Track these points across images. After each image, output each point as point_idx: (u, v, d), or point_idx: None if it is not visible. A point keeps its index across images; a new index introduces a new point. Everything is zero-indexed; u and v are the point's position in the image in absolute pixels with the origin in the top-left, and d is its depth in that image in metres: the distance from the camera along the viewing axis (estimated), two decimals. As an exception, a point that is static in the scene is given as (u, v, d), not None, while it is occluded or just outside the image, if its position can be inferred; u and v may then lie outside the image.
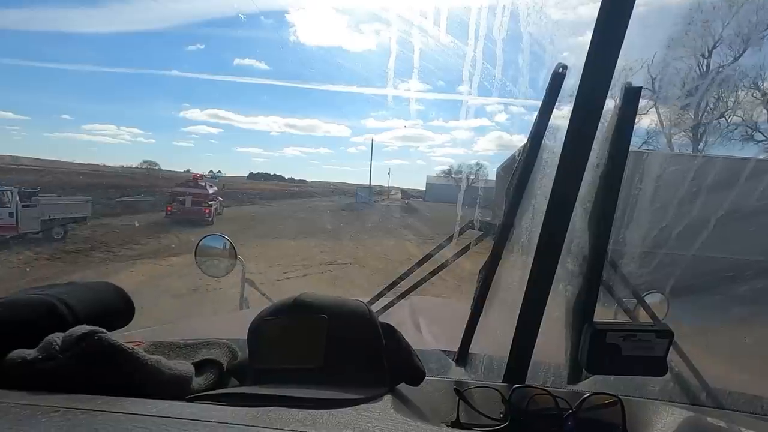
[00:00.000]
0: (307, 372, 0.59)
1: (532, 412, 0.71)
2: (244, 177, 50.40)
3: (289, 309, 0.64)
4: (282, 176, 54.48)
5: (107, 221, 15.05)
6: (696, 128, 11.25)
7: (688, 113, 1.01)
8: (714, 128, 12.47)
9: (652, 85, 0.84)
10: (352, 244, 12.90)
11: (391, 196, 39.99)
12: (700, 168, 0.94)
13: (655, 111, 1.00)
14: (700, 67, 12.23)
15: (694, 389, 0.89)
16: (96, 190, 19.06)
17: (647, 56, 0.78)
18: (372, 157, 57.69)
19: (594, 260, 0.78)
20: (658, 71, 0.83)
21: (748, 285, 4.51)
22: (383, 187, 45.16)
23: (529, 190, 0.87)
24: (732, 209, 1.06)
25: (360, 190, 36.39)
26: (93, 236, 12.66)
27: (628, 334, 0.75)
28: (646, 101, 0.75)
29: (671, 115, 1.06)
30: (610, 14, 0.67)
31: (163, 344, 0.72)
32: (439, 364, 0.96)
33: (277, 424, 0.42)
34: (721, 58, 14.09)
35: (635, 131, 0.74)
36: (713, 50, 13.69)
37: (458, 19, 1.07)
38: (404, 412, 0.54)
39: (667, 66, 0.84)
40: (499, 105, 15.10)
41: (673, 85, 0.86)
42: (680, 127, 7.31)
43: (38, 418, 0.38)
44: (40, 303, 0.58)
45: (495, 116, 23.57)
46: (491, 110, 21.99)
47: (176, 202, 16.67)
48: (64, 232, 12.27)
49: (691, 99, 0.83)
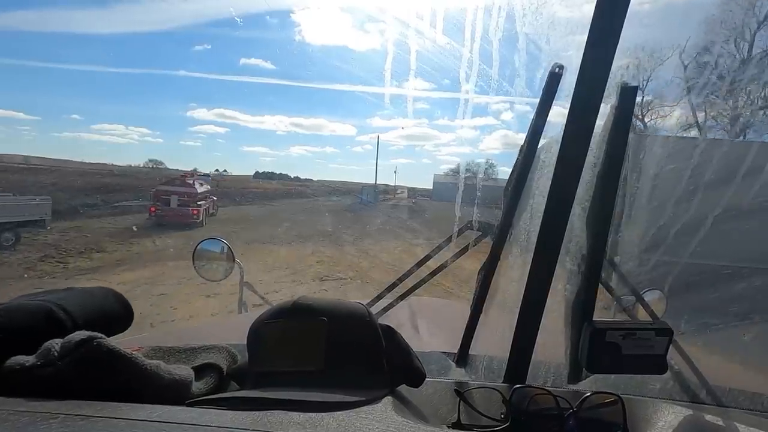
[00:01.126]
0: (307, 375, 0.59)
1: (533, 412, 0.71)
2: (249, 176, 50.18)
3: (288, 312, 0.64)
4: (288, 175, 54.27)
5: (83, 223, 13.66)
6: (734, 118, 10.48)
7: (724, 101, 1.00)
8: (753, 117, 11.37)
9: (684, 72, 0.83)
10: (354, 251, 11.36)
11: (397, 195, 39.06)
12: (702, 154, 0.93)
13: (688, 101, 0.97)
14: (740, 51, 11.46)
15: (694, 387, 0.89)
16: (89, 190, 18.20)
17: (679, 42, 0.78)
18: (378, 156, 57.29)
19: (592, 259, 0.78)
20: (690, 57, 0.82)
21: (746, 282, 4.53)
22: (389, 186, 44.31)
23: (528, 190, 0.87)
24: (731, 206, 1.06)
25: (365, 189, 34.34)
26: (55, 242, 10.75)
27: (627, 332, 0.76)
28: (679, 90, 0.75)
29: (704, 103, 1.05)
30: (606, 13, 0.67)
31: (162, 349, 0.71)
32: (440, 366, 0.96)
33: (277, 427, 0.42)
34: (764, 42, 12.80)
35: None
36: (756, 34, 12.74)
37: (458, 19, 1.08)
38: (405, 414, 0.54)
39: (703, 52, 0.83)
40: (505, 103, 15.02)
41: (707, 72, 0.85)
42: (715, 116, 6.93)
43: (37, 425, 0.38)
44: (38, 309, 0.57)
45: (501, 114, 23.51)
46: (497, 108, 21.96)
47: (160, 203, 14.91)
48: (15, 238, 10.31)
49: (726, 86, 0.82)
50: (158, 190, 15.34)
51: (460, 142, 18.41)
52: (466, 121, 14.37)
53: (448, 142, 71.53)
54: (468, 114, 1.40)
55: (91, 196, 17.43)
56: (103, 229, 13.29)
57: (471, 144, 29.75)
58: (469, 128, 19.27)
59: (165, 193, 15.11)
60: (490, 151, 31.78)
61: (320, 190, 39.82)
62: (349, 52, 45.55)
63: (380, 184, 38.86)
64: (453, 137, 29.43)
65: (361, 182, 42.60)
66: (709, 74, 1.07)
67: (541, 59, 0.83)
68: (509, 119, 7.82)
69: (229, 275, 1.75)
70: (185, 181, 16.04)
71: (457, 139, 10.58)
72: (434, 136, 74.43)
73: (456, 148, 47.26)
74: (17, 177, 18.42)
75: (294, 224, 16.39)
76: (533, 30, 0.89)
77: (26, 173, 19.72)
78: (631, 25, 0.67)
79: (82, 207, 15.61)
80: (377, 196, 33.17)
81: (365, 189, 34.48)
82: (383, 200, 33.39)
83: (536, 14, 0.88)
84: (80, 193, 17.15)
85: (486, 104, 5.48)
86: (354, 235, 14.24)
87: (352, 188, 40.14)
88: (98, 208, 16.50)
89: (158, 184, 15.99)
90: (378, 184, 37.21)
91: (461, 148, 33.02)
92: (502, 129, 38.95)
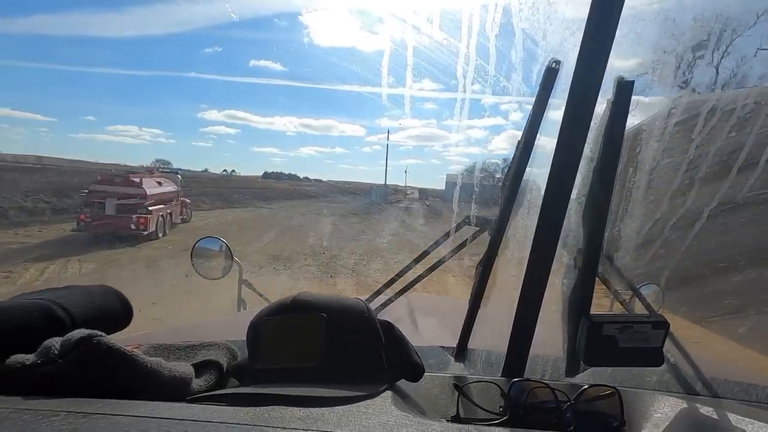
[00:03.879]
0: (307, 370, 0.59)
1: (531, 405, 0.72)
2: (258, 176, 49.81)
3: (287, 308, 0.64)
4: (297, 176, 53.93)
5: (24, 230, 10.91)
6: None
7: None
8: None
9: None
10: (351, 281, 7.70)
11: (408, 195, 38.07)
12: (699, 148, 0.93)
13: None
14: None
15: (690, 379, 0.90)
16: (61, 191, 14.79)
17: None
18: (387, 155, 56.58)
19: (589, 253, 0.79)
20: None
21: (742, 275, 4.56)
22: (399, 186, 42.61)
23: (525, 185, 0.87)
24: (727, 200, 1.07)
25: (374, 189, 32.46)
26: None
27: (624, 325, 0.76)
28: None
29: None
30: (602, 7, 0.67)
31: (162, 347, 0.71)
32: (438, 360, 0.96)
33: (277, 423, 0.42)
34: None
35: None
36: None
37: (458, 18, 1.08)
38: (404, 408, 0.54)
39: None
40: (513, 104, 14.86)
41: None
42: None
43: (38, 423, 0.38)
44: (37, 307, 0.57)
45: (510, 115, 23.33)
46: (505, 109, 21.76)
47: (93, 207, 11.03)
48: None
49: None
50: (91, 191, 11.32)
51: (468, 142, 18.09)
52: (475, 121, 13.25)
53: (456, 142, 71.57)
54: (476, 114, 1.40)
55: (41, 200, 14.26)
56: (27, 240, 10.33)
57: (480, 144, 29.42)
58: (478, 128, 18.97)
59: (99, 195, 11.14)
60: (499, 152, 31.41)
61: (325, 189, 37.96)
62: (357, 54, 45.58)
63: (390, 184, 37.22)
64: (462, 137, 29.56)
65: (371, 182, 40.74)
66: (706, 67, 1.07)
67: (542, 56, 0.83)
68: (518, 119, 7.62)
69: (228, 273, 1.75)
70: (129, 180, 11.95)
71: (465, 140, 10.57)
72: (443, 136, 74.42)
73: (464, 149, 47.12)
74: (41, 177, 15.99)
75: (282, 233, 12.76)
76: (529, 26, 0.89)
77: (42, 173, 17.98)
78: (627, 19, 0.68)
79: (17, 211, 12.70)
80: (387, 197, 31.41)
81: (374, 189, 32.74)
82: (394, 201, 31.58)
83: (533, 9, 0.88)
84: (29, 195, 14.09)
85: (495, 104, 5.36)
86: (357, 252, 10.06)
87: (361, 188, 38.27)
88: (41, 213, 13.44)
89: (93, 183, 11.74)
90: (388, 185, 35.61)
91: (469, 149, 32.63)
92: (510, 129, 38.68)
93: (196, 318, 4.18)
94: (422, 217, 18.65)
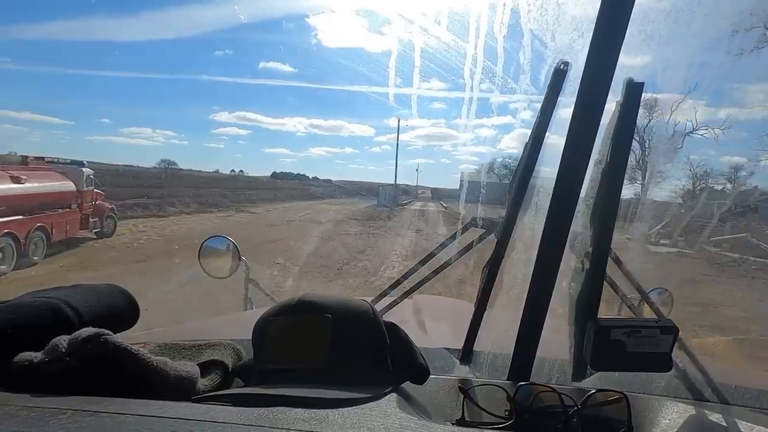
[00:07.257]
0: (312, 372, 0.59)
1: (537, 409, 0.71)
2: (266, 176, 49.92)
3: (293, 309, 0.64)
4: (306, 176, 53.99)
5: None
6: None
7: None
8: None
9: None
10: None
11: (420, 195, 36.06)
12: (708, 151, 0.93)
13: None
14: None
15: (699, 385, 0.88)
16: None
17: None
18: (397, 152, 55.83)
19: (597, 257, 0.78)
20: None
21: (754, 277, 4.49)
22: (410, 186, 40.76)
23: (532, 187, 0.87)
24: (737, 202, 1.05)
25: (382, 189, 28.58)
26: None
27: (632, 330, 0.75)
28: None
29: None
30: (611, 9, 0.67)
31: (168, 345, 0.72)
32: (444, 363, 0.96)
33: (282, 423, 0.42)
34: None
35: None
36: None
37: (463, 18, 1.08)
38: (409, 411, 0.54)
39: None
40: (522, 102, 14.77)
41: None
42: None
43: (46, 421, 0.39)
44: (45, 306, 0.58)
45: (519, 113, 23.33)
46: (515, 107, 21.49)
47: None
48: None
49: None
50: None
51: (478, 141, 18.01)
52: (484, 120, 13.08)
53: (465, 141, 71.37)
54: (485, 113, 1.40)
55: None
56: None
57: (489, 143, 29.06)
58: (487, 128, 18.77)
59: None
60: (509, 151, 30.93)
61: (330, 190, 35.52)
62: (366, 55, 45.68)
63: (400, 184, 34.14)
64: (471, 137, 29.28)
65: (380, 183, 37.25)
66: (718, 69, 1.06)
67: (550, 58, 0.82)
68: (528, 118, 7.66)
69: (235, 272, 1.77)
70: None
71: (475, 139, 10.40)
72: (452, 135, 74.08)
73: (474, 148, 46.78)
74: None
75: (264, 254, 8.92)
76: (537, 27, 0.89)
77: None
78: (637, 20, 0.67)
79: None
80: (397, 198, 27.29)
81: (382, 190, 28.72)
82: (405, 203, 28.29)
83: (541, 11, 0.87)
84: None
85: (504, 103, 5.35)
86: (359, 276, 7.40)
87: (370, 188, 35.49)
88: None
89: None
90: (398, 184, 32.11)
91: (479, 148, 32.28)
92: (520, 128, 38.28)
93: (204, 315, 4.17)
94: (442, 224, 14.96)
